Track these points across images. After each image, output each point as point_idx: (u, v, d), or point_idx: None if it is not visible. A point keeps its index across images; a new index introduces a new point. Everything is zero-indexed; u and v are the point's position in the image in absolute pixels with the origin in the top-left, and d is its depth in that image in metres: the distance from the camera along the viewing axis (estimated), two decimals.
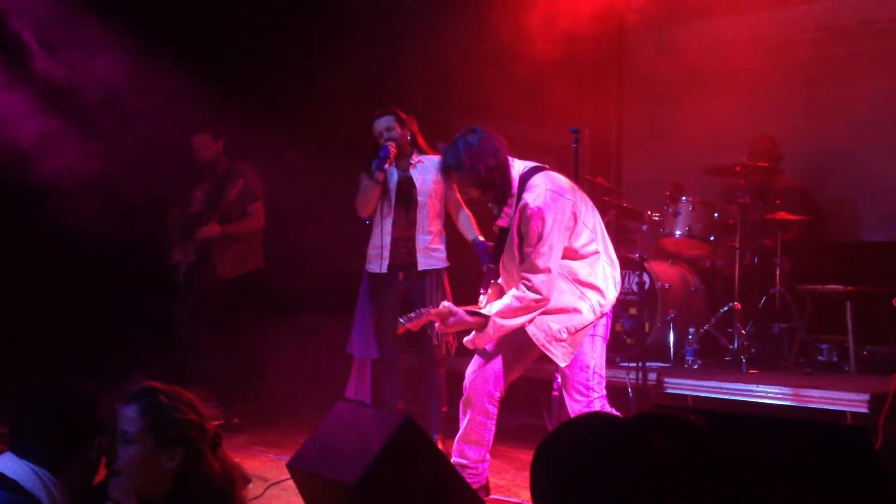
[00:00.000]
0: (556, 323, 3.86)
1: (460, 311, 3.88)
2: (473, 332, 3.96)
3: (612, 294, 3.95)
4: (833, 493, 2.50)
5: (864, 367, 5.64)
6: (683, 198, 6.06)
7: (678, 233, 6.03)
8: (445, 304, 3.94)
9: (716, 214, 6.02)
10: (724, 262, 6.15)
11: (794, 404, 4.87)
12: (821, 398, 4.78)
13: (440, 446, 5.12)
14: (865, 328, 5.80)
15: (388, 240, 5.14)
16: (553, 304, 3.85)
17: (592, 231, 3.93)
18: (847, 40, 6.83)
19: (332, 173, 6.49)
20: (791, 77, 6.94)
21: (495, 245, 4.02)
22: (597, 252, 3.93)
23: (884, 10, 6.68)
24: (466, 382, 4.09)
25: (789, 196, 6.22)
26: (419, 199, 5.16)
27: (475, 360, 4.09)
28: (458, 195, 5.31)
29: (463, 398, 4.10)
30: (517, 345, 4.01)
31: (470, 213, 5.31)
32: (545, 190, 3.79)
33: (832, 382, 5.04)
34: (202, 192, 6.00)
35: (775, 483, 2.44)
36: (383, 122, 5.23)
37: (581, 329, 3.89)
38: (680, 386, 5.30)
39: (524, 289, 3.79)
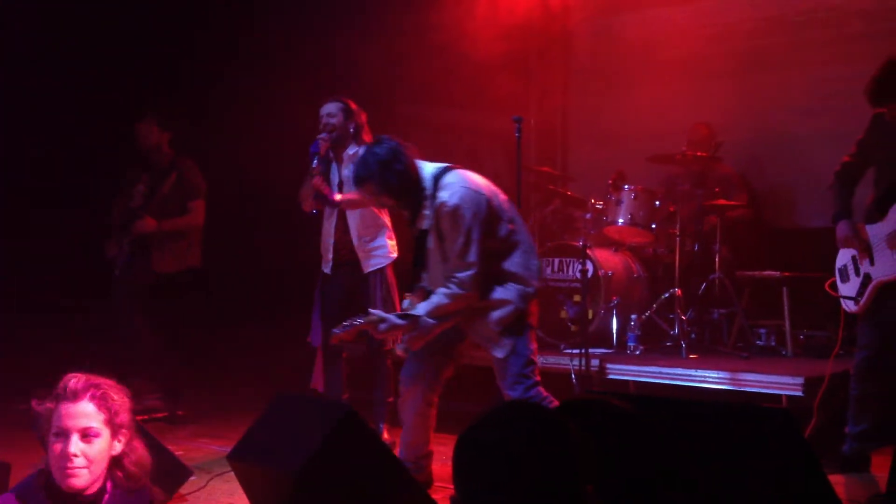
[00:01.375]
0: (489, 317, 3.93)
1: (391, 316, 3.95)
2: (406, 338, 4.02)
3: (534, 282, 4.02)
4: (758, 473, 2.57)
5: (801, 350, 5.78)
6: (626, 186, 6.15)
7: (621, 221, 6.11)
8: (374, 311, 4.00)
9: (657, 202, 6.12)
10: (665, 250, 6.25)
11: (731, 388, 4.98)
12: (757, 382, 4.90)
13: (386, 435, 5.16)
14: (802, 313, 5.93)
15: (330, 241, 5.16)
16: (483, 298, 3.91)
17: (511, 222, 4.00)
18: (786, 29, 6.96)
19: (284, 166, 6.49)
20: (731, 65, 7.05)
21: (416, 248, 4.06)
22: (517, 242, 4.00)
23: (821, 1, 6.81)
24: (402, 386, 4.17)
25: (728, 183, 6.34)
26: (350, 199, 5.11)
27: (408, 363, 4.17)
28: None
29: (399, 400, 4.20)
30: (447, 343, 4.08)
31: None
32: (460, 187, 3.87)
33: (769, 366, 5.16)
34: (144, 185, 5.91)
35: (699, 465, 2.50)
36: (327, 108, 5.18)
37: (513, 319, 3.94)
38: (622, 372, 5.39)
39: (452, 286, 3.86)
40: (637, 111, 7.37)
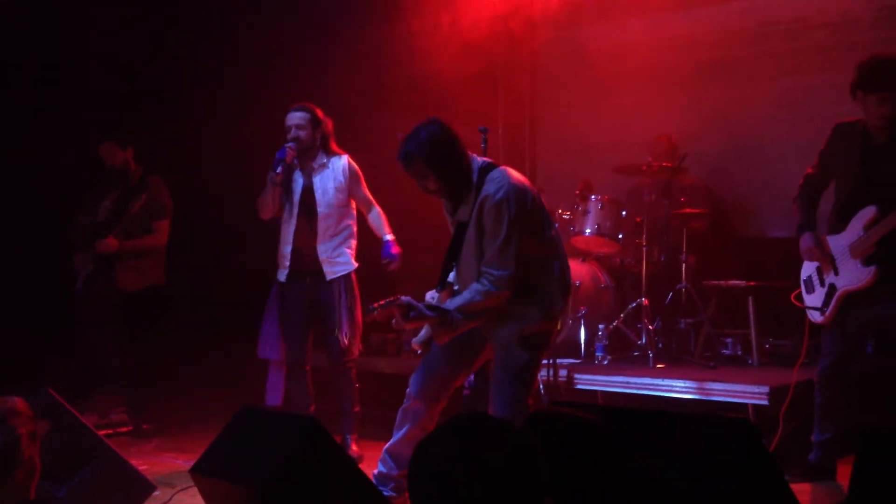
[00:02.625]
0: (513, 325, 3.80)
1: (421, 305, 3.75)
2: (424, 331, 3.89)
3: (560, 302, 3.88)
4: (721, 483, 2.58)
5: (767, 359, 5.83)
6: (593, 196, 6.18)
7: (588, 231, 6.14)
8: (405, 298, 3.77)
9: (624, 213, 6.15)
10: (632, 260, 6.28)
11: (698, 397, 5.00)
12: (723, 391, 4.93)
13: (354, 447, 5.12)
14: (768, 322, 5.99)
15: (288, 249, 5.11)
16: (512, 305, 3.77)
17: (548, 230, 3.88)
18: (750, 40, 7.01)
19: (244, 178, 6.46)
20: (695, 76, 7.10)
21: (452, 241, 3.92)
22: (556, 252, 3.89)
23: (787, 11, 6.88)
24: (412, 390, 3.99)
25: (694, 193, 6.39)
26: (319, 210, 5.10)
27: (420, 371, 4.00)
28: (367, 192, 5.30)
29: (406, 406, 4.00)
30: (463, 351, 3.95)
31: (380, 211, 5.29)
32: (507, 182, 3.72)
33: (734, 376, 5.19)
34: (110, 201, 5.85)
35: (662, 475, 2.51)
36: (295, 118, 5.11)
37: (535, 333, 3.81)
38: (590, 382, 5.40)
39: (486, 282, 3.71)
40: (603, 122, 7.41)
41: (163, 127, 6.81)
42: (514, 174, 3.82)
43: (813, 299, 4.47)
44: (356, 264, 5.21)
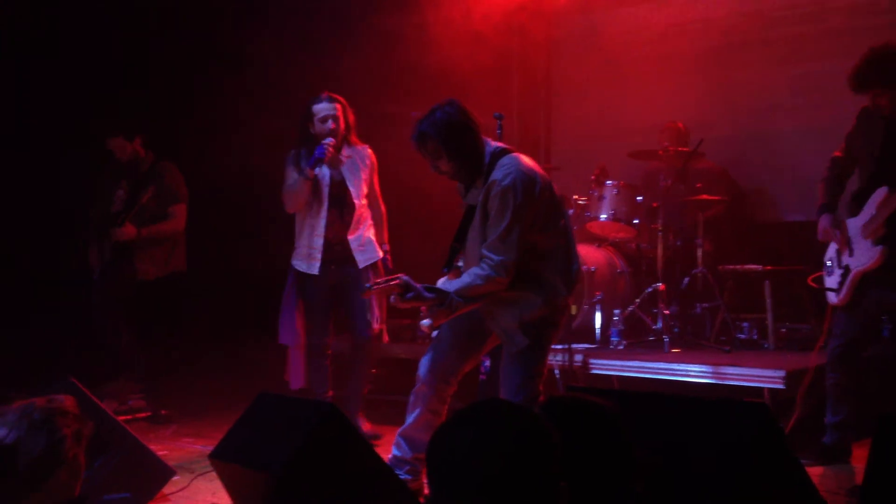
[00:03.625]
0: (512, 311, 3.80)
1: (419, 286, 3.74)
2: (429, 312, 3.86)
3: (564, 291, 3.86)
4: (737, 466, 2.59)
5: (783, 344, 5.81)
6: (608, 182, 6.16)
7: (604, 216, 6.13)
8: (403, 277, 3.77)
9: (639, 198, 6.14)
10: (648, 245, 6.28)
11: (714, 381, 4.99)
12: (739, 375, 4.91)
13: (368, 425, 5.15)
14: (784, 306, 5.97)
15: (320, 241, 5.07)
16: (512, 291, 3.77)
17: (558, 221, 3.86)
18: (766, 25, 6.98)
19: (257, 166, 6.49)
20: (711, 61, 7.08)
21: (461, 223, 3.92)
22: (563, 242, 3.87)
23: None
24: (421, 373, 4.00)
25: (709, 178, 6.37)
26: (354, 201, 5.10)
27: (429, 354, 4.01)
28: (378, 187, 5.29)
29: (416, 389, 4.01)
30: (471, 335, 3.96)
31: (384, 212, 5.32)
32: (516, 168, 3.71)
33: (750, 360, 5.18)
34: (124, 190, 5.86)
35: (678, 460, 2.52)
36: (326, 108, 5.04)
37: (535, 319, 3.80)
38: (605, 367, 5.39)
39: (486, 267, 3.70)
40: (619, 107, 7.39)
41: (177, 114, 6.83)
42: (526, 161, 3.80)
43: (831, 281, 4.51)
44: (381, 253, 5.23)
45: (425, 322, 3.92)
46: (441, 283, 3.92)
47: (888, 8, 6.47)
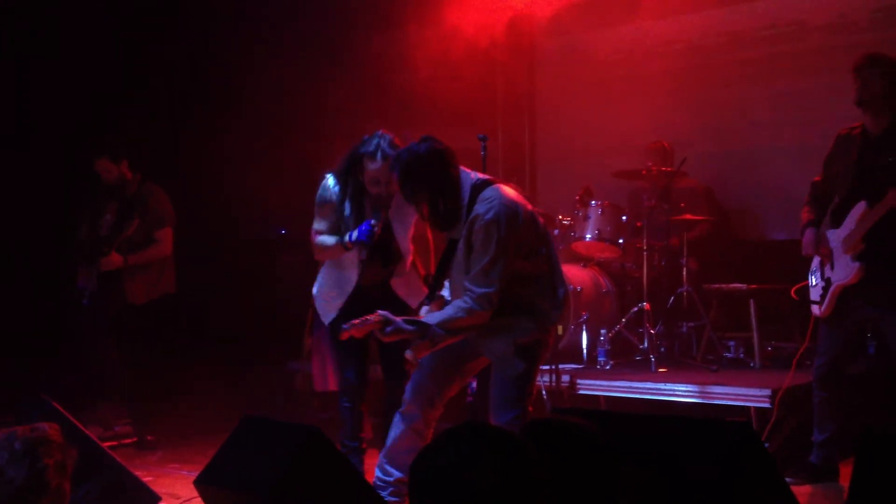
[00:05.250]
0: (507, 337, 3.80)
1: (398, 320, 3.74)
2: (412, 346, 3.83)
3: (556, 312, 3.86)
4: (722, 487, 2.59)
5: (769, 362, 5.82)
6: (593, 202, 6.19)
7: (588, 236, 6.15)
8: (382, 312, 3.77)
9: (624, 217, 6.16)
10: (633, 264, 6.30)
11: (700, 401, 5.01)
12: (725, 394, 4.93)
13: None
14: (770, 324, 6.00)
15: (349, 287, 4.47)
16: (502, 319, 3.77)
17: (542, 249, 3.86)
18: (749, 44, 7.05)
19: (257, 184, 6.52)
20: (694, 80, 7.13)
21: (443, 256, 3.93)
22: (548, 269, 3.87)
23: (785, 15, 6.91)
24: (407, 395, 3.99)
25: (693, 196, 6.41)
26: (402, 251, 4.50)
27: (415, 376, 4.01)
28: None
29: (402, 410, 3.99)
30: (457, 358, 3.96)
31: (430, 240, 4.71)
32: (498, 202, 3.68)
33: (737, 379, 5.20)
34: (111, 214, 5.84)
35: (662, 481, 2.52)
36: (383, 171, 4.17)
37: (529, 343, 3.81)
38: (592, 387, 5.40)
39: (469, 300, 3.70)
40: (603, 127, 7.43)
41: (169, 136, 6.83)
42: (508, 193, 3.78)
43: (814, 293, 4.54)
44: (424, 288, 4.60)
45: (409, 352, 3.93)
46: (424, 314, 3.92)
47: (868, 26, 6.55)
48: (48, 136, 6.48)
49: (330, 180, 4.38)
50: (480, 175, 3.89)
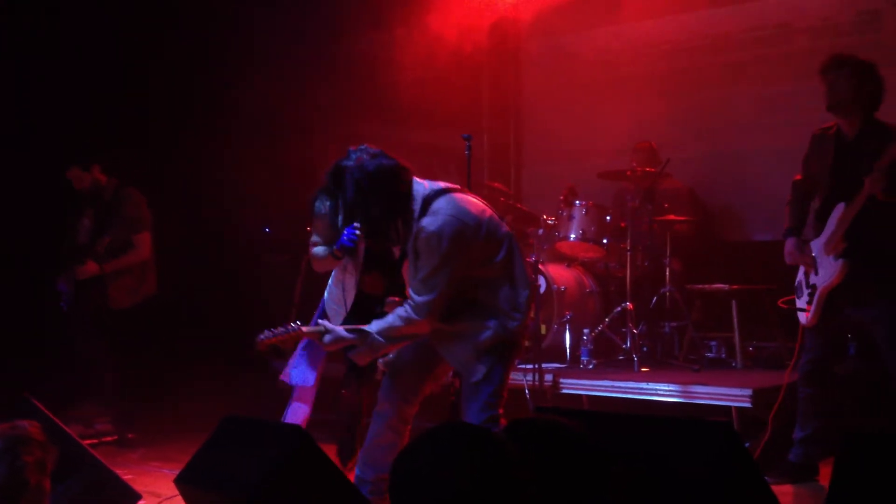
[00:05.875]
0: (466, 344, 3.78)
1: (338, 328, 3.79)
2: (392, 355, 3.91)
3: (518, 315, 3.80)
4: (702, 486, 2.60)
5: (750, 362, 5.86)
6: (577, 202, 6.21)
7: (573, 236, 6.17)
8: (322, 322, 3.85)
9: (608, 218, 6.18)
10: (616, 264, 6.31)
11: (682, 401, 5.03)
12: (707, 394, 4.95)
13: None
14: (752, 325, 6.02)
15: (350, 298, 4.50)
16: (460, 324, 3.77)
17: (499, 255, 3.80)
18: (734, 47, 7.08)
19: (238, 187, 6.50)
20: (680, 82, 7.17)
21: (398, 264, 3.93)
22: (507, 274, 3.82)
23: (770, 18, 6.95)
24: (382, 392, 4.00)
25: (677, 198, 6.44)
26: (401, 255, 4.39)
27: (388, 375, 4.02)
28: None
29: (377, 409, 4.01)
30: (429, 360, 3.96)
31: None
32: (446, 214, 3.65)
33: (718, 379, 5.23)
34: (89, 219, 5.84)
35: (644, 481, 2.53)
36: None
37: (490, 346, 3.77)
38: (575, 386, 5.42)
39: (408, 308, 3.71)
40: (588, 128, 7.45)
41: (154, 138, 6.82)
42: (460, 203, 3.71)
43: (801, 301, 4.56)
44: None
45: (381, 362, 3.96)
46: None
47: (851, 30, 6.59)
48: (45, 135, 6.47)
49: (320, 196, 4.48)
50: (438, 184, 3.82)
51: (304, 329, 3.81)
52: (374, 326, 3.77)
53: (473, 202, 3.81)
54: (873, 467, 2.47)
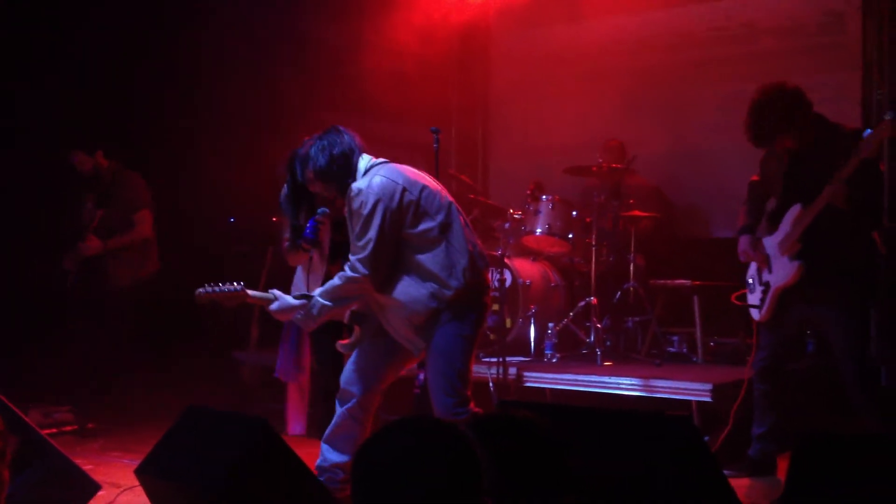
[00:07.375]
0: (401, 313, 3.85)
1: (286, 297, 3.89)
2: (352, 337, 3.96)
3: (454, 283, 3.82)
4: (662, 478, 2.64)
5: (711, 357, 5.94)
6: (544, 197, 6.24)
7: (539, 230, 6.19)
8: (273, 291, 3.92)
9: (574, 213, 6.22)
10: (581, 259, 6.35)
11: (644, 394, 5.08)
12: (668, 388, 5.01)
13: None
14: (713, 320, 6.09)
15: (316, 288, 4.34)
16: (395, 294, 3.84)
17: (436, 219, 3.86)
18: (700, 45, 7.15)
19: (202, 176, 6.45)
20: (646, 80, 7.21)
21: (344, 235, 4.00)
22: (443, 241, 3.86)
23: (735, 17, 7.02)
24: (343, 380, 4.03)
25: (641, 194, 6.50)
26: None
27: (350, 363, 4.05)
28: None
29: (338, 396, 4.04)
30: (390, 347, 3.99)
31: None
32: (377, 176, 3.81)
33: (679, 373, 5.29)
34: (91, 202, 6.04)
35: (605, 474, 2.56)
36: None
37: (425, 319, 3.83)
38: (539, 379, 5.45)
39: (346, 268, 3.83)
40: (555, 123, 7.49)
41: (147, 124, 6.81)
42: (395, 168, 3.88)
43: (753, 298, 4.61)
44: None
45: (342, 346, 3.99)
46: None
47: (817, 31, 6.68)
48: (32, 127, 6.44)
49: (283, 191, 4.44)
50: (378, 159, 3.95)
51: (251, 293, 3.88)
52: (317, 290, 3.88)
53: (412, 171, 3.94)
54: (827, 466, 2.52)
